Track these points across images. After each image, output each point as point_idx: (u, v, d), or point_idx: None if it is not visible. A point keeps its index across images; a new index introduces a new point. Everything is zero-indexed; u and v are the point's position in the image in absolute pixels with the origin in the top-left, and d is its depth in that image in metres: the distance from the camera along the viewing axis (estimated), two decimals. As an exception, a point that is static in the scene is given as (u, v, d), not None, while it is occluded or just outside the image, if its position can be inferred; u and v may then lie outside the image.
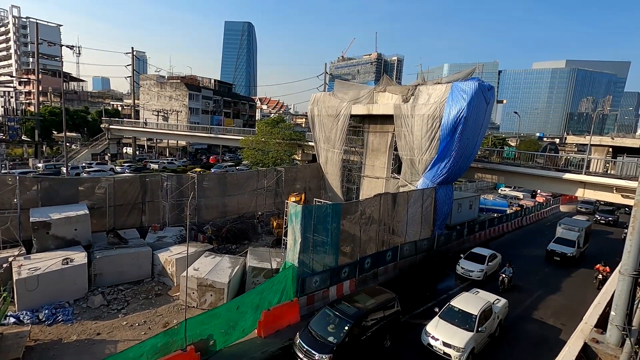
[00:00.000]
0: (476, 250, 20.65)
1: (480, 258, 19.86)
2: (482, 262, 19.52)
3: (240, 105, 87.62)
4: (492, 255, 20.31)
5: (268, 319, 12.94)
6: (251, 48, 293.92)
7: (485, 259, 19.67)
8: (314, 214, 15.00)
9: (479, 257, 19.96)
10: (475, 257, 19.96)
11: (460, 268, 19.51)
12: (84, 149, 57.24)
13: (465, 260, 19.85)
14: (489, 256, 20.00)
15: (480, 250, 20.83)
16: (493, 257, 20.36)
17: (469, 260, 19.76)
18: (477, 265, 19.30)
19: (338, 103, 27.56)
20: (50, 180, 19.36)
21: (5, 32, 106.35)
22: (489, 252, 20.38)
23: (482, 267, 19.18)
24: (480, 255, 20.04)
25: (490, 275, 19.73)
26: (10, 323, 12.80)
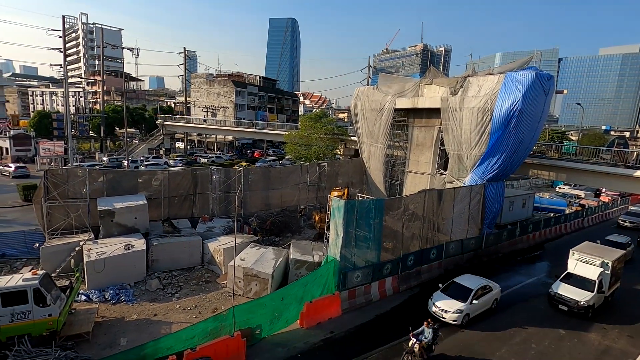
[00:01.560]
0: (461, 281, 15.11)
1: (462, 292, 14.43)
2: (463, 299, 14.14)
3: (283, 100, 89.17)
4: (482, 287, 14.78)
5: (310, 310, 13.20)
6: (295, 44, 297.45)
7: (469, 294, 14.25)
8: (357, 209, 14.96)
9: (462, 290, 14.54)
10: (457, 290, 14.62)
11: (432, 304, 14.44)
12: (142, 144, 61.68)
13: (443, 293, 14.77)
14: (477, 289, 14.49)
15: (467, 280, 15.18)
16: (483, 291, 14.76)
17: (446, 295, 14.55)
18: (456, 304, 13.99)
19: (382, 97, 27.06)
20: (113, 173, 21.18)
21: (75, 38, 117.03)
22: (479, 283, 14.93)
23: (461, 306, 13.85)
24: (464, 289, 14.58)
25: (476, 318, 14.39)
26: (82, 300, 14.30)
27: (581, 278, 16.02)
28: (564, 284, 16.10)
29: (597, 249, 17.16)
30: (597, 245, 17.87)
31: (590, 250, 17.08)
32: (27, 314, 10.87)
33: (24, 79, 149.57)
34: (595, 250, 17.02)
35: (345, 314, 14.13)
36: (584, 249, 17.21)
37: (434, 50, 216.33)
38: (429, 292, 16.20)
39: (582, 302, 15.05)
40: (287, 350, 11.87)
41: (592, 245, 17.71)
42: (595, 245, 17.82)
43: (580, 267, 16.51)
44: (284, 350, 11.86)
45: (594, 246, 17.64)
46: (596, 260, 16.26)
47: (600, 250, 17.24)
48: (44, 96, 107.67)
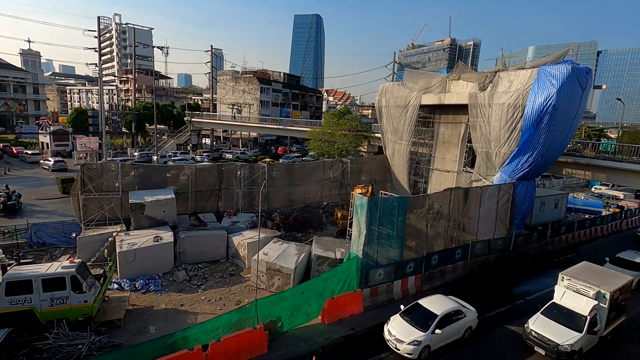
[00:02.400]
0: (427, 303, 12.63)
1: (425, 318, 11.97)
2: (424, 327, 11.68)
3: (307, 97, 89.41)
4: (450, 313, 12.23)
5: (332, 306, 13.24)
6: (319, 40, 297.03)
7: (432, 321, 11.74)
8: (380, 206, 14.83)
9: (425, 315, 12.10)
10: (420, 315, 12.19)
11: (387, 330, 12.10)
12: (170, 140, 63.69)
13: (403, 317, 12.32)
14: (444, 316, 11.97)
15: (434, 302, 12.67)
16: (452, 318, 12.25)
17: (406, 319, 12.13)
18: (414, 332, 11.56)
19: (407, 93, 26.59)
20: (144, 167, 22.01)
21: (109, 38, 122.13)
22: (448, 307, 12.40)
23: (419, 336, 11.44)
24: (427, 314, 12.09)
25: (443, 350, 11.98)
26: (114, 288, 15.00)
27: (568, 312, 12.36)
28: (545, 319, 12.46)
29: (595, 274, 13.52)
30: (597, 269, 14.23)
31: (585, 275, 13.32)
32: (65, 299, 11.54)
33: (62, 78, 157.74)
34: (592, 276, 13.25)
35: (367, 312, 14.08)
36: (577, 272, 13.51)
37: (462, 45, 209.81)
38: (453, 293, 15.88)
39: (564, 346, 11.44)
40: (309, 345, 11.98)
41: (589, 269, 14.04)
42: (594, 269, 14.14)
43: (568, 297, 12.74)
44: (305, 345, 11.98)
45: (591, 270, 13.97)
46: (590, 289, 12.43)
47: (599, 275, 13.48)
48: (81, 94, 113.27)
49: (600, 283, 12.67)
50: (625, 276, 13.84)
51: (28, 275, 11.37)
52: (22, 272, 11.53)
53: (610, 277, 13.44)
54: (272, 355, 11.34)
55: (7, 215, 23.36)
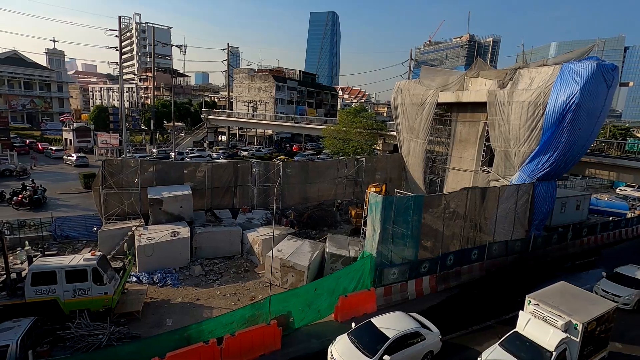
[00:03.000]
0: (380, 322, 11.01)
1: (374, 340, 10.43)
2: (371, 351, 10.07)
3: (322, 95, 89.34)
4: (405, 336, 10.63)
5: (345, 304, 13.25)
6: (334, 38, 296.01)
7: (382, 345, 10.16)
8: (395, 205, 14.72)
9: (374, 337, 10.54)
10: (368, 336, 10.64)
11: (330, 353, 10.66)
12: (187, 137, 64.79)
13: (350, 337, 10.78)
14: (397, 339, 10.40)
15: (390, 321, 11.11)
16: (407, 341, 10.62)
17: (352, 340, 10.64)
18: (360, 358, 10.03)
19: (424, 90, 26.23)
20: (162, 164, 22.49)
21: (130, 37, 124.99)
22: (405, 328, 10.79)
23: None
24: (378, 335, 10.53)
25: None
26: (133, 281, 15.42)
27: (531, 345, 10.14)
28: (502, 351, 10.29)
29: (569, 299, 11.08)
30: (574, 292, 11.71)
31: (556, 299, 10.91)
32: (87, 290, 11.93)
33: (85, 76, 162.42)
34: (565, 301, 10.86)
35: (380, 311, 13.96)
36: (547, 296, 11.16)
37: (481, 41, 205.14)
38: (468, 294, 15.64)
39: None
40: (322, 342, 12.00)
41: (564, 291, 11.69)
42: (570, 292, 11.71)
43: (533, 327, 10.47)
44: (318, 342, 12.02)
45: (567, 293, 11.61)
46: (559, 319, 10.13)
47: (574, 301, 11.06)
48: (102, 92, 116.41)
49: (572, 311, 10.37)
50: (608, 303, 11.41)
51: (52, 266, 11.81)
52: (46, 264, 11.98)
53: (587, 304, 10.99)
54: (285, 351, 11.43)
55: (33, 209, 24.30)
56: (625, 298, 14.90)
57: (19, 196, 24.74)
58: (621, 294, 15.00)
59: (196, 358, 9.91)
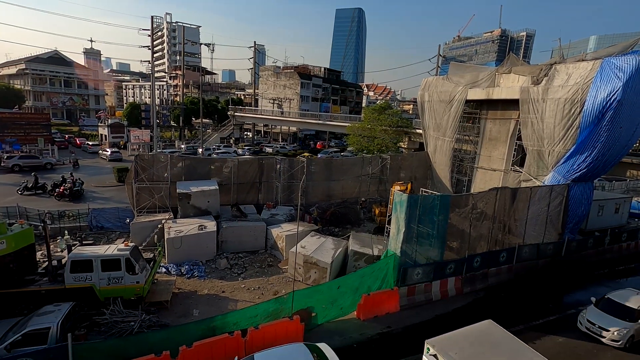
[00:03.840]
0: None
1: None
2: None
3: (347, 92, 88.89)
4: None
5: (368, 303, 13.20)
6: (360, 34, 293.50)
7: None
8: (420, 204, 14.47)
9: None
10: None
11: None
12: (214, 133, 66.36)
13: None
14: None
15: None
16: None
17: None
18: None
19: (452, 87, 25.55)
20: (191, 159, 23.13)
21: (161, 36, 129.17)
22: None
23: None
24: None
25: None
26: (162, 272, 16.01)
27: None
28: None
29: (481, 351, 8.62)
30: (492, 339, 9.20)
31: (465, 350, 8.59)
32: (120, 279, 12.52)
33: (119, 74, 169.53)
34: (474, 353, 8.51)
35: (403, 310, 13.88)
36: (455, 343, 8.90)
37: (513, 36, 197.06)
38: (495, 297, 15.20)
39: None
40: (343, 339, 12.05)
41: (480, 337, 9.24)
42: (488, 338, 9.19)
43: None
44: (340, 339, 12.06)
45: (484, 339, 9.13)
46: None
47: (489, 354, 8.54)
48: (135, 89, 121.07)
49: None
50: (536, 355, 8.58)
51: (89, 255, 12.46)
52: (84, 253, 12.66)
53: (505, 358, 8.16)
54: (307, 346, 11.53)
55: (72, 200, 25.74)
56: (615, 333, 12.02)
57: (60, 188, 26.28)
58: (610, 326, 12.16)
59: (221, 348, 10.19)
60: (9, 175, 32.90)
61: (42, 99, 77.73)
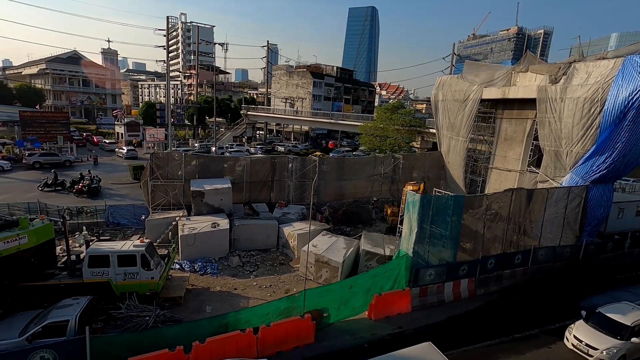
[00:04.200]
0: None
1: None
2: None
3: (359, 91, 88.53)
4: None
5: (379, 303, 13.15)
6: (373, 33, 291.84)
7: None
8: (433, 204, 14.33)
9: None
10: None
11: None
12: (227, 132, 67.00)
13: None
14: None
15: None
16: None
17: None
18: None
19: (467, 86, 25.18)
20: (204, 158, 23.45)
21: (176, 36, 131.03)
22: None
23: None
24: None
25: None
26: (176, 269, 16.28)
27: None
28: None
29: None
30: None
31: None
32: (136, 274, 12.78)
33: (135, 74, 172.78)
34: None
35: (415, 311, 13.77)
36: None
37: (530, 34, 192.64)
38: (510, 300, 14.94)
39: None
40: (354, 339, 12.04)
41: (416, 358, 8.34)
42: None
43: None
44: (351, 338, 12.06)
45: None
46: None
47: None
48: (150, 88, 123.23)
49: None
50: None
51: (106, 250, 12.77)
52: (101, 248, 12.98)
53: None
54: (318, 345, 11.57)
55: (90, 197, 26.38)
56: (604, 352, 10.89)
57: (78, 185, 26.97)
58: (599, 345, 11.02)
59: (233, 345, 10.31)
60: (30, 172, 33.94)
61: (61, 98, 79.83)
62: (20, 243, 11.81)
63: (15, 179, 31.60)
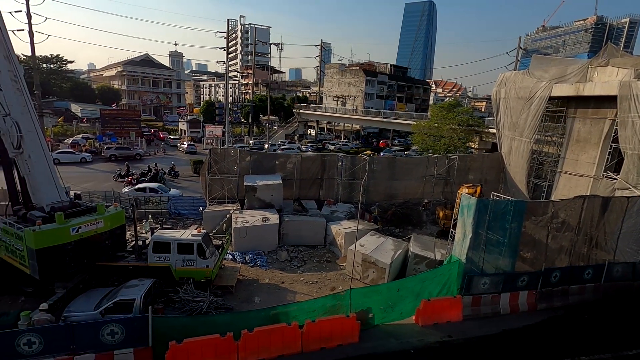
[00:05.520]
0: None
1: None
2: None
3: (414, 89, 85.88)
4: None
5: (428, 309, 12.69)
6: (430, 28, 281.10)
7: None
8: (491, 209, 13.43)
9: None
10: None
11: None
12: (280, 130, 68.95)
13: None
14: None
15: None
16: None
17: None
18: None
19: (533, 83, 23.21)
20: (257, 154, 24.36)
21: (235, 38, 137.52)
22: None
23: None
24: None
25: None
26: (228, 259, 17.13)
27: None
28: None
29: None
30: None
31: None
32: (193, 262, 13.68)
33: (197, 75, 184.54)
34: None
35: (466, 321, 13.07)
36: None
37: (612, 24, 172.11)
38: (577, 318, 13.58)
39: None
40: (400, 343, 11.75)
41: None
42: None
43: None
44: (396, 342, 11.79)
45: None
46: None
47: None
48: (211, 88, 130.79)
49: None
50: None
51: (168, 238, 13.83)
52: (164, 235, 14.08)
53: None
54: (363, 345, 11.48)
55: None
56: None
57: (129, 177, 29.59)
58: None
59: (279, 336, 10.61)
60: (107, 164, 37.92)
61: (134, 97, 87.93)
62: (98, 227, 13.21)
63: (95, 169, 35.51)
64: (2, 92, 11.95)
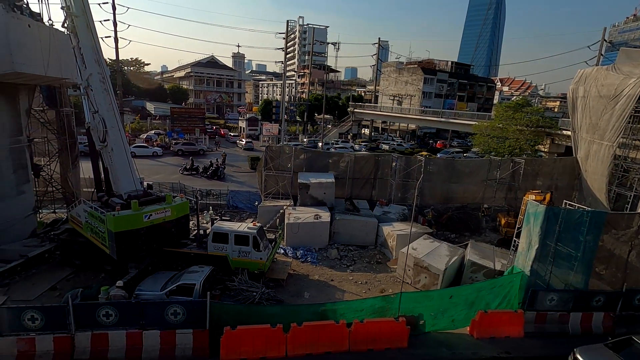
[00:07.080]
0: None
1: None
2: None
3: (476, 87, 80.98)
4: None
5: (484, 320, 11.95)
6: (497, 22, 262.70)
7: None
8: (562, 218, 12.24)
9: None
10: None
11: None
12: (334, 129, 69.29)
13: None
14: None
15: None
16: None
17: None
18: None
19: (620, 80, 20.59)
20: (311, 152, 24.76)
21: (293, 38, 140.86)
22: None
23: None
24: None
25: None
26: (280, 253, 17.68)
27: None
28: None
29: None
30: None
31: None
32: (247, 253, 14.35)
33: (257, 74, 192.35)
34: None
35: (528, 338, 12.07)
36: None
37: None
38: (666, 349, 11.85)
39: None
40: (452, 354, 11.22)
41: None
42: None
43: None
44: (448, 352, 11.27)
45: None
46: None
47: None
48: (269, 87, 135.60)
49: None
50: None
51: (226, 229, 14.66)
52: (223, 227, 14.96)
53: None
54: (411, 351, 11.16)
55: (217, 180, 30.66)
56: None
57: (207, 172, 31.72)
58: None
59: (327, 333, 10.72)
60: (174, 158, 41.21)
61: (200, 97, 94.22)
62: (166, 215, 14.39)
63: (164, 162, 38.78)
64: (93, 92, 13.55)
